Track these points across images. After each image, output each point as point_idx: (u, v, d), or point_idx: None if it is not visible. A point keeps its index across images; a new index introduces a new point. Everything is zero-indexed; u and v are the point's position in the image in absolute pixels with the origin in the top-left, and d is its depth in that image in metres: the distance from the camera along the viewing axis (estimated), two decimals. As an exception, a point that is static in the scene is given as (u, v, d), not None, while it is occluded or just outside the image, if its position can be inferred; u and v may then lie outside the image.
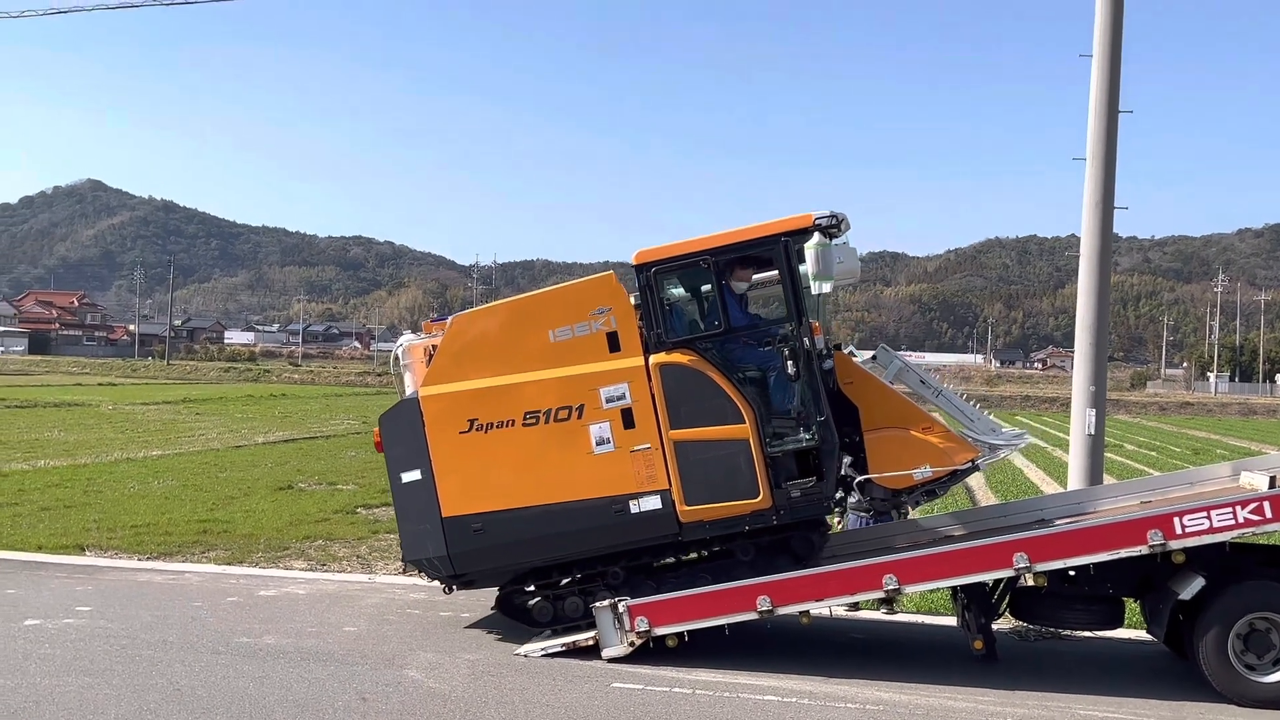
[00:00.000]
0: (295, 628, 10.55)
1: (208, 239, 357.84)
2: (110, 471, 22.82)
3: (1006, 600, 9.73)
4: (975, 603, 9.56)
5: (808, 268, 9.48)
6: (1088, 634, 10.46)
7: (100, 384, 71.78)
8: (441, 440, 10.07)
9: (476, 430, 10.00)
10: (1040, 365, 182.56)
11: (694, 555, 10.29)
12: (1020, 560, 8.77)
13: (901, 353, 11.54)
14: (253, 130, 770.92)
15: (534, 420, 9.91)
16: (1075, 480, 13.25)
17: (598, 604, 9.60)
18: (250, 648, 9.77)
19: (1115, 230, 13.61)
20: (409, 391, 10.56)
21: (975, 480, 26.27)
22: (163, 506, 17.95)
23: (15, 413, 40.47)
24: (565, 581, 10.32)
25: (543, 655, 9.65)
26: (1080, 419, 13.28)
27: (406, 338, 11.11)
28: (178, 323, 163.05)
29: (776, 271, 9.89)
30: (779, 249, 9.77)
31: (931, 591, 10.95)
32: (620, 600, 9.52)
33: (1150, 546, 8.56)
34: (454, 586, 10.55)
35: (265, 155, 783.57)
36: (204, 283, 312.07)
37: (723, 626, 9.36)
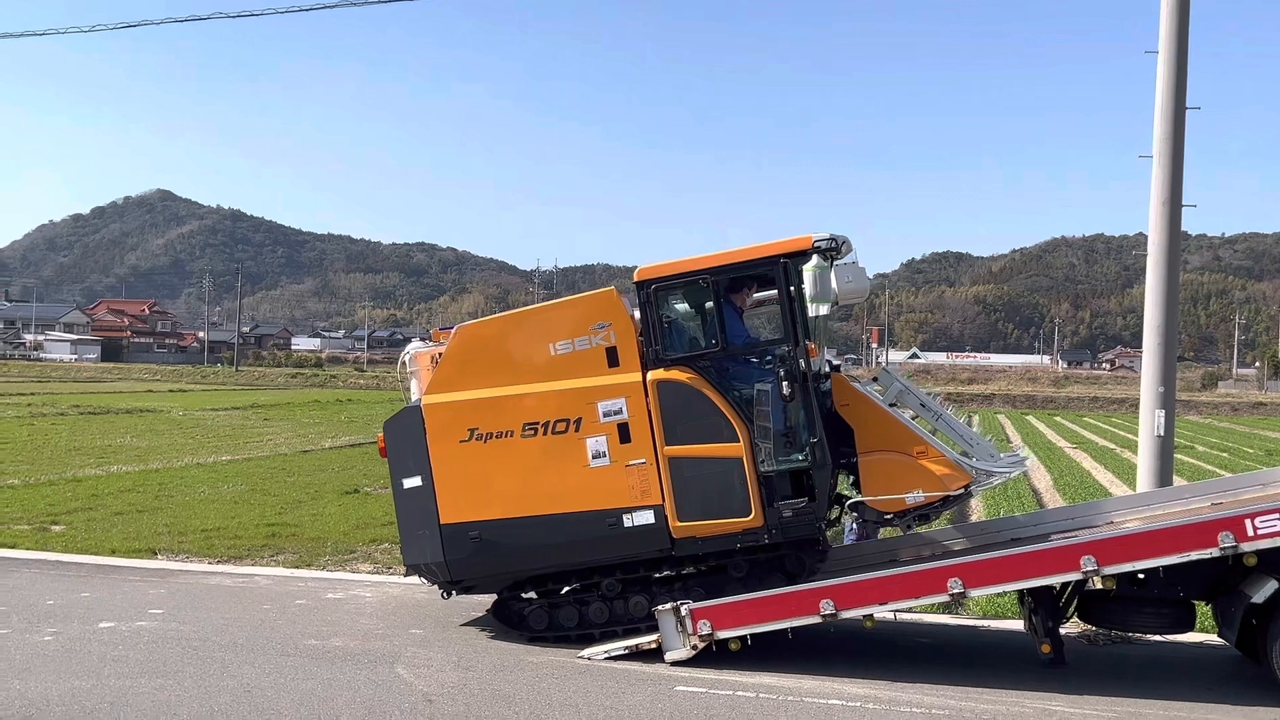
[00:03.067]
0: (362, 630, 10.67)
1: (274, 247, 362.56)
2: (181, 476, 23.20)
3: (1075, 604, 9.63)
4: (1043, 606, 9.46)
5: (806, 290, 9.58)
6: (1157, 638, 10.33)
7: (171, 390, 72.90)
8: (442, 448, 10.23)
9: (476, 439, 10.15)
10: (1108, 366, 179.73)
11: (690, 569, 10.29)
12: (1088, 563, 8.66)
13: (914, 359, 11.52)
14: (317, 141, 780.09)
15: (532, 432, 10.07)
16: (1144, 482, 13.06)
17: (660, 607, 9.62)
18: (319, 650, 9.90)
19: (1184, 228, 13.40)
20: (414, 398, 10.72)
21: (1042, 482, 25.97)
22: (232, 511, 18.23)
23: (89, 419, 41.23)
24: (564, 590, 10.43)
25: (605, 658, 9.68)
26: (1149, 420, 13.09)
27: (414, 345, 11.33)
28: (246, 330, 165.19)
29: (776, 291, 9.98)
30: (778, 270, 9.85)
31: (998, 595, 10.85)
32: (683, 604, 9.52)
33: (1221, 549, 8.41)
34: (453, 592, 10.70)
35: (329, 165, 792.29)
36: (271, 290, 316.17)
37: (785, 630, 9.35)
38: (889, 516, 10.06)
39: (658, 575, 10.27)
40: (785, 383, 9.65)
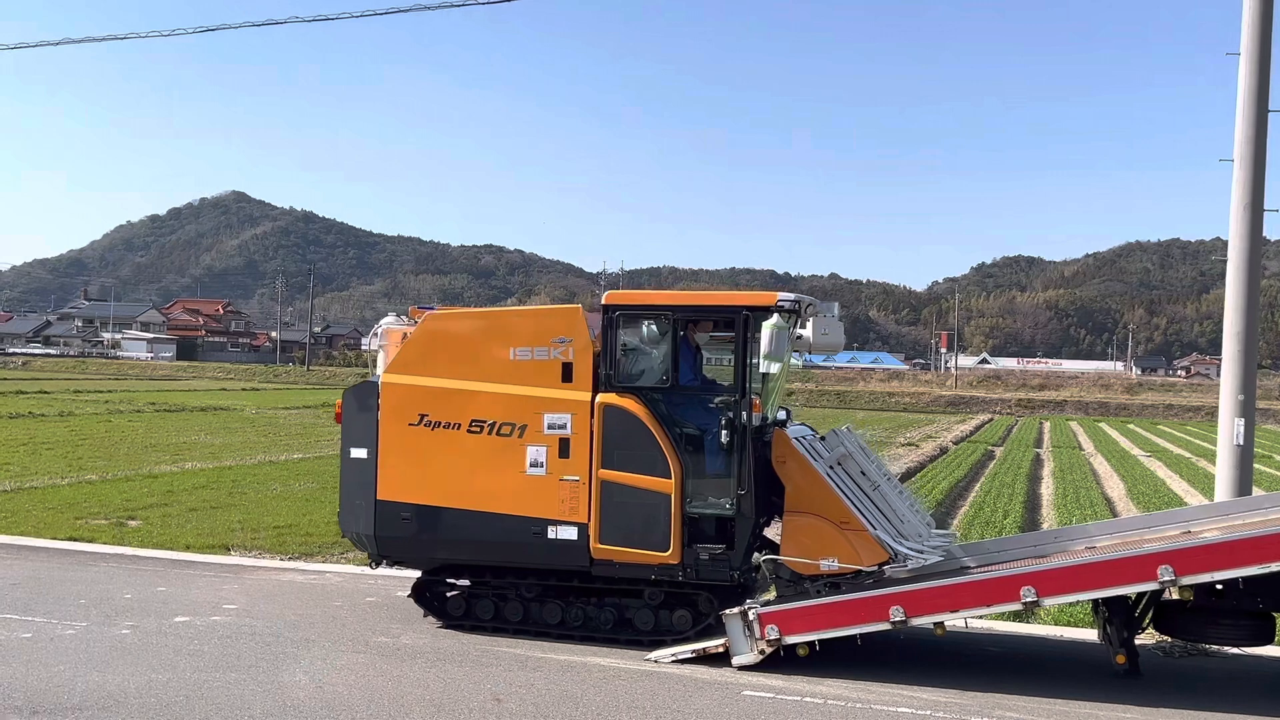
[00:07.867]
0: (431, 628, 10.76)
1: (346, 248, 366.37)
2: (253, 474, 23.56)
3: (1150, 614, 9.47)
4: (1117, 616, 9.33)
5: (761, 345, 9.60)
6: (1235, 650, 10.14)
7: (244, 389, 74.03)
8: (392, 427, 10.60)
9: (425, 425, 10.49)
10: (1184, 373, 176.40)
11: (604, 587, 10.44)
12: (1165, 573, 8.51)
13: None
14: (389, 144, 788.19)
15: (478, 429, 10.37)
16: (1222, 492, 12.80)
17: (728, 611, 9.62)
18: (389, 647, 10.00)
19: (1264, 233, 13.12)
20: (379, 372, 10.96)
21: (1116, 491, 25.60)
22: (303, 508, 18.48)
23: (164, 416, 41.99)
24: (488, 582, 10.67)
25: (673, 661, 9.68)
26: (1228, 429, 12.82)
27: (388, 320, 11.60)
28: (317, 330, 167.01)
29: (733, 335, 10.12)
30: (739, 321, 10.01)
31: (1071, 604, 10.70)
32: (750, 608, 9.51)
33: (1304, 560, 8.24)
34: (380, 563, 11.06)
35: (401, 167, 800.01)
36: (342, 291, 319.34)
37: (854, 636, 9.29)
38: (803, 577, 9.97)
39: (572, 586, 10.45)
40: (725, 431, 9.86)
